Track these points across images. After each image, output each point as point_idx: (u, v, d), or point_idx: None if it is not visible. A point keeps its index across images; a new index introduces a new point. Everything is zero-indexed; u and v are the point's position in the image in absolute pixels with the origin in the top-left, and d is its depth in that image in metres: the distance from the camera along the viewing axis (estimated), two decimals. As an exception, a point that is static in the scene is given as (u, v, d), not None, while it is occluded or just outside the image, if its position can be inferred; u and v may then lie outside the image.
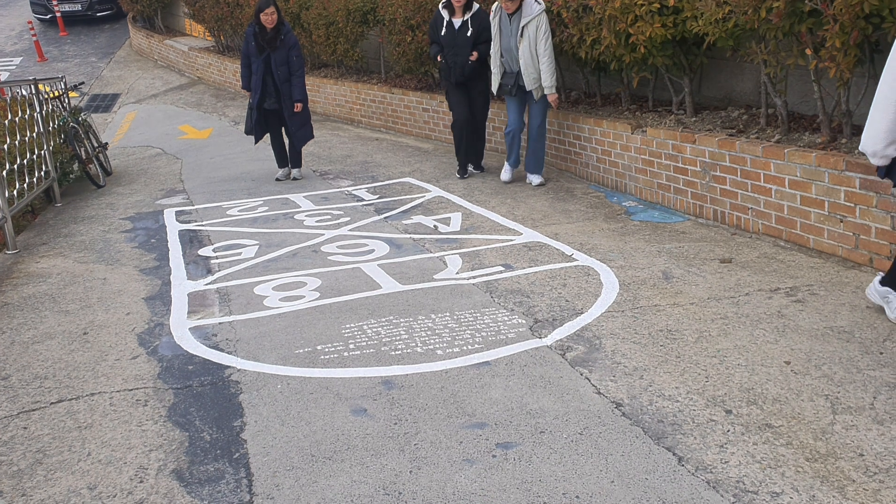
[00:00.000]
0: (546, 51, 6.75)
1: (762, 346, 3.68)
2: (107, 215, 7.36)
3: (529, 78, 6.87)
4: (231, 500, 2.78)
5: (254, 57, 7.87)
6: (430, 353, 3.84)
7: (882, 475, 2.69)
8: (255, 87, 7.92)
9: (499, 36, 7.03)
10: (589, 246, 5.37)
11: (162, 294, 5.01)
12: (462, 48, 7.38)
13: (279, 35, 7.82)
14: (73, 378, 3.84)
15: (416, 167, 8.40)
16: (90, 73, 17.39)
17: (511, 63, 7.01)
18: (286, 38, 7.86)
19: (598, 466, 2.83)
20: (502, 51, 7.04)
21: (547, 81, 6.82)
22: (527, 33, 6.79)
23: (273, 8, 7.74)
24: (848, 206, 4.60)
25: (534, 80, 6.87)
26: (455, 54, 7.41)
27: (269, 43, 7.78)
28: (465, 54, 7.37)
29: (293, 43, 7.90)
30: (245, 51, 7.98)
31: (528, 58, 6.81)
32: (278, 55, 7.79)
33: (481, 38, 7.33)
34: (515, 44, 6.87)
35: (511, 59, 6.98)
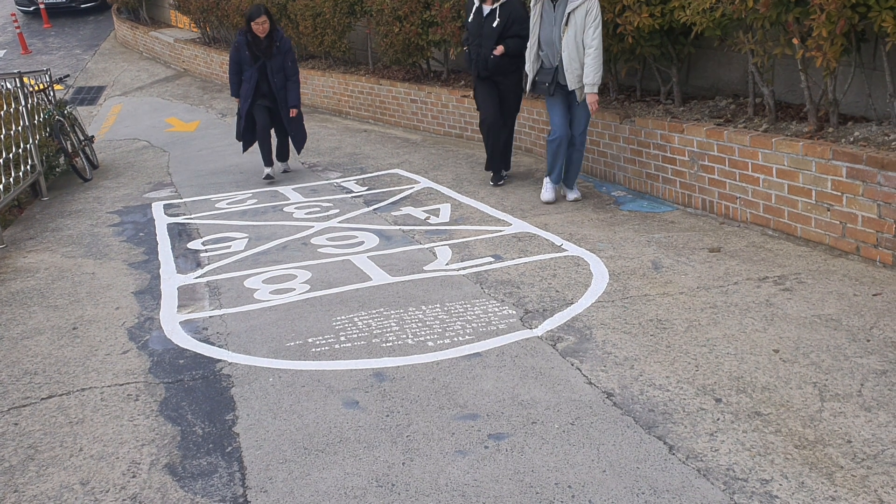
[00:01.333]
0: (595, 41, 5.77)
1: (751, 335, 3.71)
2: (94, 209, 7.32)
3: (573, 75, 5.88)
4: (224, 493, 2.78)
5: (246, 65, 7.56)
6: (422, 345, 3.85)
7: (870, 461, 2.72)
8: (247, 95, 7.60)
9: (538, 25, 6.06)
10: (578, 236, 5.39)
11: (151, 288, 4.99)
12: (487, 39, 6.62)
13: (274, 42, 7.53)
14: (64, 373, 3.83)
15: (405, 158, 8.39)
16: (75, 65, 17.25)
17: (551, 57, 6.02)
18: (281, 45, 7.60)
19: (590, 456, 2.85)
20: (541, 43, 6.07)
21: (589, 77, 5.81)
22: (573, 21, 5.79)
23: (265, 17, 7.42)
24: (835, 194, 4.63)
25: (577, 78, 5.90)
26: (479, 45, 6.68)
27: (264, 52, 7.51)
28: (490, 46, 6.59)
29: (288, 48, 7.66)
30: (235, 58, 7.63)
31: (573, 50, 5.83)
32: (274, 63, 7.54)
33: (510, 30, 6.55)
34: (559, 34, 5.90)
35: (552, 52, 6.00)
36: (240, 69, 7.62)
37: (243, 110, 7.65)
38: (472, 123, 8.81)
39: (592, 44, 5.80)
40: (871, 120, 5.03)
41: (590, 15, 5.79)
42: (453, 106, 9.03)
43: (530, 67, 6.20)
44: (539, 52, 6.12)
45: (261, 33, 7.44)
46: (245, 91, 7.58)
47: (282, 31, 7.66)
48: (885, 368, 3.32)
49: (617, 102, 7.01)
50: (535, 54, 6.15)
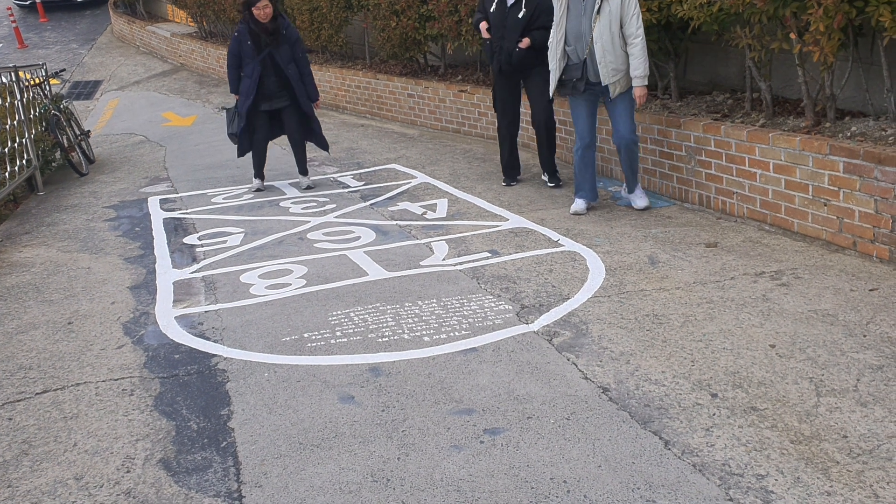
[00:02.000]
0: (640, 29, 5.32)
1: (747, 330, 3.70)
2: (90, 204, 7.30)
3: (607, 69, 5.38)
4: (219, 488, 2.77)
5: (248, 58, 6.85)
6: (418, 340, 3.84)
7: (865, 456, 2.72)
8: (248, 92, 6.89)
9: (565, 17, 5.51)
10: (575, 231, 5.38)
11: (147, 283, 4.98)
12: (511, 31, 6.18)
13: (279, 28, 6.84)
14: (59, 368, 3.82)
15: (402, 153, 8.38)
16: (71, 59, 17.19)
17: (579, 51, 5.49)
18: (288, 32, 6.90)
19: (586, 451, 2.85)
20: (568, 36, 5.51)
21: (640, 69, 5.35)
22: (606, 10, 5.33)
23: (266, 0, 6.73)
24: (832, 189, 4.62)
25: (612, 72, 5.38)
26: (502, 37, 6.23)
27: (271, 39, 6.79)
28: (514, 39, 6.17)
29: (296, 37, 6.99)
30: (235, 51, 6.93)
31: (608, 41, 5.35)
32: (282, 52, 6.84)
33: (537, 22, 6.13)
34: (589, 25, 5.39)
35: (580, 45, 5.47)
36: (239, 63, 6.97)
37: (243, 108, 6.96)
38: (470, 118, 8.80)
39: (639, 33, 5.33)
40: (869, 115, 5.03)
41: (628, 4, 5.32)
42: (450, 101, 9.01)
43: (556, 66, 5.63)
44: (566, 48, 5.57)
45: (263, 18, 6.75)
46: (246, 88, 6.91)
47: (287, 19, 7.06)
48: (881, 364, 3.32)
49: (614, 97, 6.99)
50: (561, 50, 5.58)
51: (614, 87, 5.46)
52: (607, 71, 5.41)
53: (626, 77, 5.46)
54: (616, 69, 5.41)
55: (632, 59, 5.38)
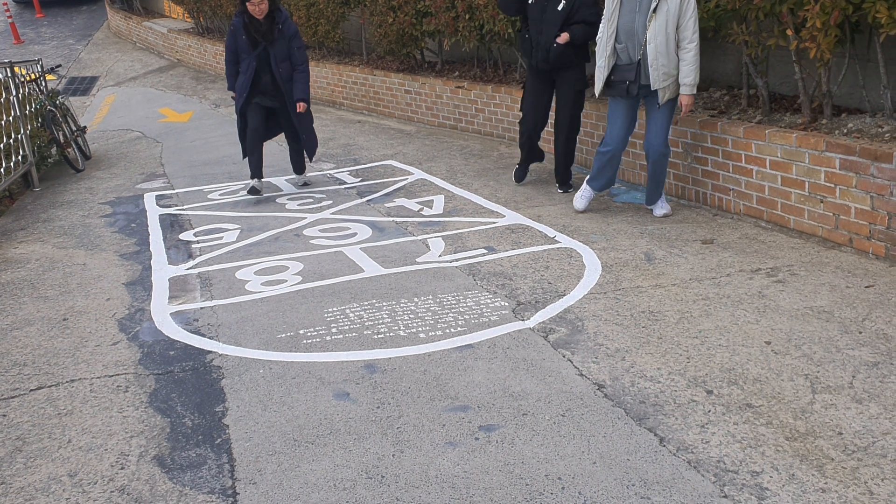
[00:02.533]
0: (696, 34, 4.98)
1: (743, 327, 3.70)
2: (86, 200, 7.28)
3: (659, 73, 5.04)
4: (213, 485, 2.77)
5: (244, 53, 6.44)
6: (413, 337, 3.84)
7: (860, 453, 2.72)
8: (242, 89, 6.49)
9: (617, 11, 5.15)
10: (571, 228, 5.37)
11: (142, 279, 4.96)
12: (549, 25, 5.78)
13: (275, 24, 6.39)
14: (53, 365, 3.81)
15: (399, 150, 8.36)
16: (68, 55, 17.15)
17: (631, 50, 5.13)
18: (285, 28, 6.43)
19: (581, 448, 2.85)
20: (619, 33, 5.16)
21: (690, 76, 5.01)
22: (664, 8, 4.96)
23: None
24: (828, 186, 4.62)
25: (664, 76, 5.05)
26: (539, 31, 5.84)
27: (265, 36, 6.37)
28: (552, 34, 5.78)
29: (294, 32, 6.49)
30: (232, 46, 6.53)
31: (662, 43, 4.98)
32: (278, 49, 6.41)
33: (576, 15, 5.76)
34: (644, 22, 5.03)
35: (633, 44, 5.12)
36: (236, 58, 6.57)
37: (238, 107, 6.62)
38: (467, 115, 8.79)
39: (694, 38, 4.98)
40: (865, 111, 5.02)
41: (688, 2, 4.95)
42: (447, 97, 9.00)
43: (604, 63, 5.23)
44: (616, 46, 5.19)
45: (258, 14, 6.31)
46: (241, 84, 6.51)
47: (285, 12, 6.53)
48: (876, 360, 3.32)
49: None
50: (611, 48, 5.18)
51: (664, 92, 5.10)
52: (658, 75, 5.05)
53: (675, 83, 5.11)
54: (668, 73, 5.05)
55: (683, 64, 5.02)
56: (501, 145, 8.11)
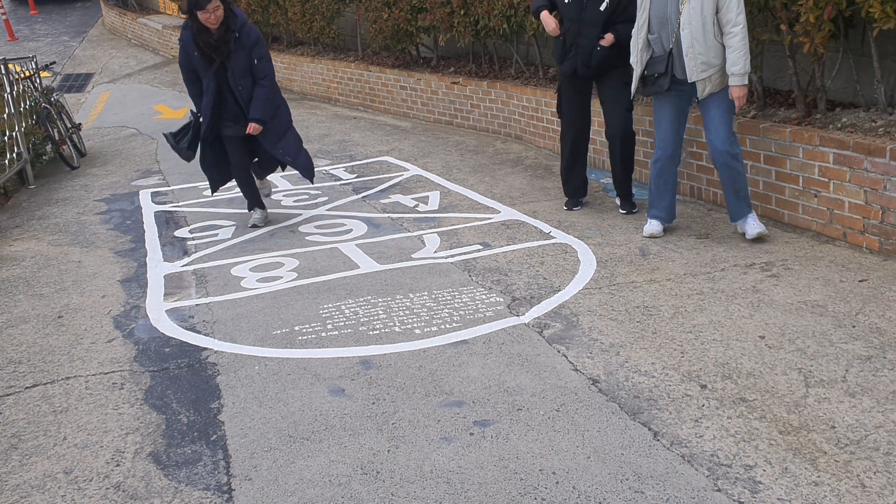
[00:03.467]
0: (741, 16, 4.40)
1: (737, 321, 3.71)
2: (81, 197, 7.27)
3: (695, 62, 4.51)
4: (208, 481, 2.77)
5: (202, 71, 5.38)
6: (408, 333, 3.84)
7: (853, 447, 2.73)
8: (206, 113, 5.45)
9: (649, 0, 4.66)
10: (567, 223, 5.38)
11: (138, 276, 4.96)
12: (590, 26, 5.11)
13: (230, 33, 5.27)
14: (48, 362, 3.81)
15: (395, 146, 8.36)
16: (62, 52, 17.11)
17: (664, 40, 4.64)
18: (242, 36, 5.32)
19: (575, 442, 2.86)
20: (652, 22, 4.66)
21: (739, 64, 4.42)
22: None
23: (217, 1, 5.15)
24: (822, 180, 4.63)
25: (702, 66, 4.51)
26: (578, 33, 5.15)
27: (216, 50, 5.28)
28: (594, 35, 5.11)
29: (255, 40, 5.37)
30: (186, 64, 5.45)
31: (698, 28, 4.45)
32: (235, 63, 5.32)
33: (623, 14, 5.07)
34: (676, 8, 4.53)
35: (665, 33, 4.62)
36: (196, 77, 5.48)
37: (206, 134, 5.53)
38: (462, 110, 8.78)
39: (739, 20, 4.39)
40: (859, 106, 5.03)
41: None
42: (443, 93, 8.99)
43: (637, 58, 4.76)
44: (649, 37, 4.72)
45: (213, 23, 5.18)
46: (204, 107, 5.45)
47: (242, 16, 5.39)
48: (869, 354, 3.33)
49: (606, 89, 6.98)
50: (643, 39, 4.71)
51: (703, 85, 4.56)
52: (695, 65, 4.52)
53: (720, 74, 4.56)
54: (706, 63, 4.50)
55: (729, 52, 4.44)
56: (497, 141, 8.11)
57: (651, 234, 4.94)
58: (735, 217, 4.78)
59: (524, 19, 7.33)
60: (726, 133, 4.61)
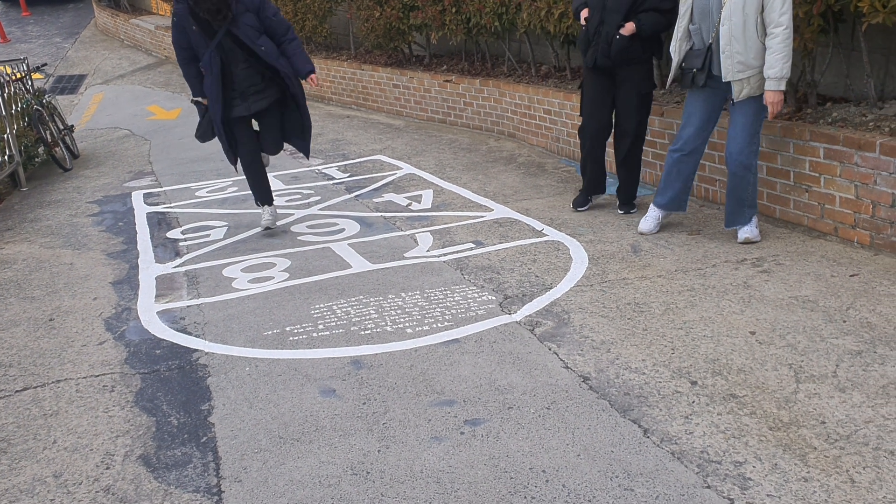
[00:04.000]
0: (785, 16, 4.12)
1: (728, 317, 3.71)
2: (74, 199, 7.25)
3: (731, 61, 4.27)
4: (198, 484, 2.77)
5: (201, 48, 5.05)
6: (400, 332, 3.84)
7: (843, 442, 2.73)
8: (215, 94, 5.13)
9: None
10: (559, 221, 5.38)
11: (129, 278, 4.95)
12: (612, 13, 4.94)
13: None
14: (39, 365, 3.80)
15: (388, 144, 8.35)
16: (55, 53, 17.06)
17: (704, 33, 4.42)
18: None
19: (565, 440, 2.85)
20: (695, 12, 4.44)
21: (776, 67, 4.17)
22: None
23: None
24: (813, 175, 4.63)
25: (738, 66, 4.26)
26: (601, 21, 4.99)
27: (218, 14, 4.93)
28: (615, 23, 4.94)
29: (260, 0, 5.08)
30: (181, 41, 5.10)
31: (738, 25, 4.20)
32: (244, 26, 5.00)
33: (646, 2, 4.91)
34: (719, 2, 4.33)
35: (707, 26, 4.39)
36: (192, 56, 5.15)
37: (217, 117, 5.24)
38: (455, 108, 8.77)
39: (782, 20, 4.12)
40: (850, 101, 5.03)
41: None
42: (436, 91, 8.98)
43: (676, 47, 4.53)
44: (689, 27, 4.48)
45: None
46: (210, 86, 5.13)
47: None
48: (860, 349, 3.33)
49: (598, 86, 6.98)
50: (684, 28, 4.47)
51: (740, 86, 4.31)
52: (731, 64, 4.27)
53: (759, 77, 4.27)
54: (743, 64, 4.24)
55: (769, 53, 4.17)
56: (490, 139, 8.11)
57: (649, 230, 4.90)
58: (731, 223, 4.67)
59: (515, 16, 7.33)
60: (746, 142, 4.41)
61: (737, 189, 4.54)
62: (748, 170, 4.46)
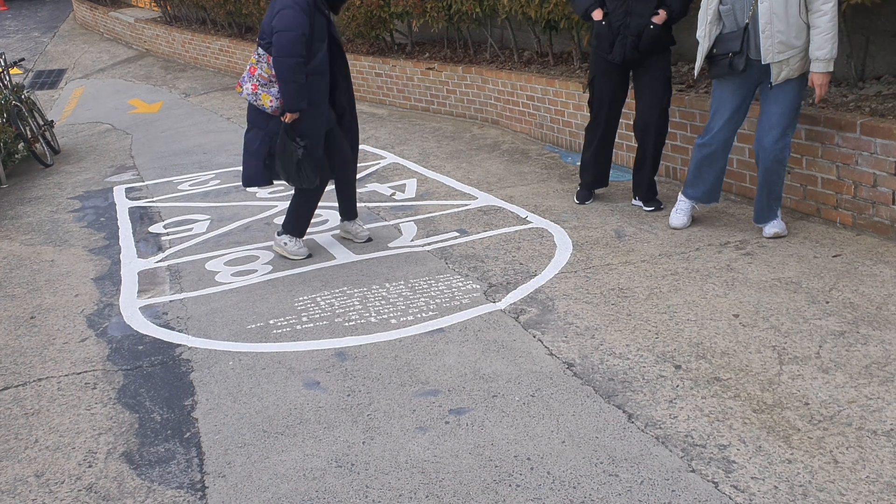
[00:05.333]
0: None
1: (711, 301, 3.72)
2: (55, 195, 7.18)
3: (772, 41, 3.94)
4: (182, 480, 2.75)
5: (318, 42, 4.29)
6: (384, 323, 3.82)
7: (826, 423, 2.74)
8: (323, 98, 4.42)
9: None
10: (543, 208, 5.37)
11: (111, 274, 4.91)
12: (643, 3, 4.61)
13: None
14: (20, 364, 3.76)
15: (371, 134, 8.30)
16: (34, 48, 16.87)
17: (738, 13, 4.07)
18: None
19: (550, 427, 2.85)
20: None
21: (826, 48, 3.90)
22: None
23: None
24: (794, 157, 4.63)
25: (780, 46, 3.94)
26: (627, 12, 4.63)
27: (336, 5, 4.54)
28: (646, 13, 4.61)
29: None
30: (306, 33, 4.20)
31: (780, 3, 3.90)
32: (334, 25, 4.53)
33: None
34: None
35: (741, 4, 4.05)
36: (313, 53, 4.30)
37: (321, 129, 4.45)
38: (438, 96, 8.73)
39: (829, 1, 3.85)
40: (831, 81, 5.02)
41: None
42: (418, 79, 8.93)
43: (705, 32, 4.16)
44: (720, 8, 4.14)
45: None
46: (321, 91, 4.39)
47: None
48: (843, 329, 3.34)
49: (580, 71, 6.97)
50: (714, 11, 4.12)
51: (779, 68, 3.99)
52: (772, 44, 3.95)
53: (800, 58, 3.99)
54: (785, 44, 3.93)
55: (815, 33, 3.90)
56: (474, 126, 8.07)
57: (681, 224, 4.56)
58: (761, 220, 4.41)
59: (496, 2, 7.28)
60: (781, 132, 4.10)
61: (769, 184, 4.25)
62: (781, 163, 4.18)
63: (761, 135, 4.17)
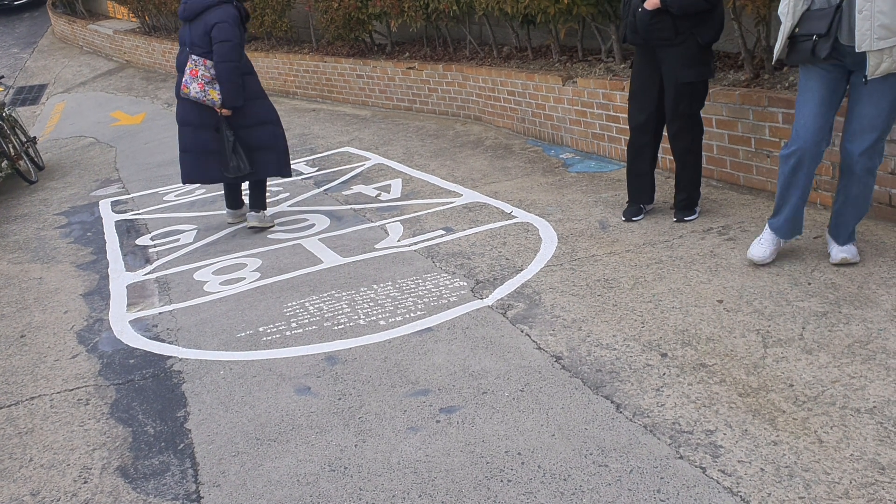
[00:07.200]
0: None
1: (696, 287, 3.75)
2: (40, 212, 7.18)
3: (870, 24, 3.18)
4: (177, 491, 2.77)
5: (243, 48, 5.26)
6: (373, 325, 3.85)
7: (810, 403, 2.78)
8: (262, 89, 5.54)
9: None
10: (528, 202, 5.39)
11: (100, 288, 4.92)
12: None
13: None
14: (12, 383, 3.77)
15: (355, 136, 8.32)
16: (13, 65, 16.79)
17: None
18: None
19: (539, 421, 2.88)
20: None
21: None
22: None
23: None
24: (773, 140, 4.67)
25: (880, 31, 3.17)
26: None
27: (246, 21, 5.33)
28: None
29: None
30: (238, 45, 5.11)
31: None
32: None
33: None
34: None
35: None
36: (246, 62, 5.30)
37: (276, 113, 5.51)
38: (420, 95, 8.75)
39: None
40: (806, 64, 5.05)
41: None
42: (399, 79, 8.95)
43: (788, 8, 3.41)
44: None
45: None
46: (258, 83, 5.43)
47: None
48: (825, 310, 3.38)
49: (559, 64, 7.00)
50: None
51: (878, 59, 3.22)
52: (869, 28, 3.18)
53: None
54: (887, 28, 3.16)
55: None
56: (457, 123, 8.10)
57: (763, 257, 3.81)
58: (839, 237, 3.73)
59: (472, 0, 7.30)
60: (876, 139, 3.42)
61: (854, 198, 3.56)
62: (870, 173, 3.49)
63: (849, 139, 3.49)
